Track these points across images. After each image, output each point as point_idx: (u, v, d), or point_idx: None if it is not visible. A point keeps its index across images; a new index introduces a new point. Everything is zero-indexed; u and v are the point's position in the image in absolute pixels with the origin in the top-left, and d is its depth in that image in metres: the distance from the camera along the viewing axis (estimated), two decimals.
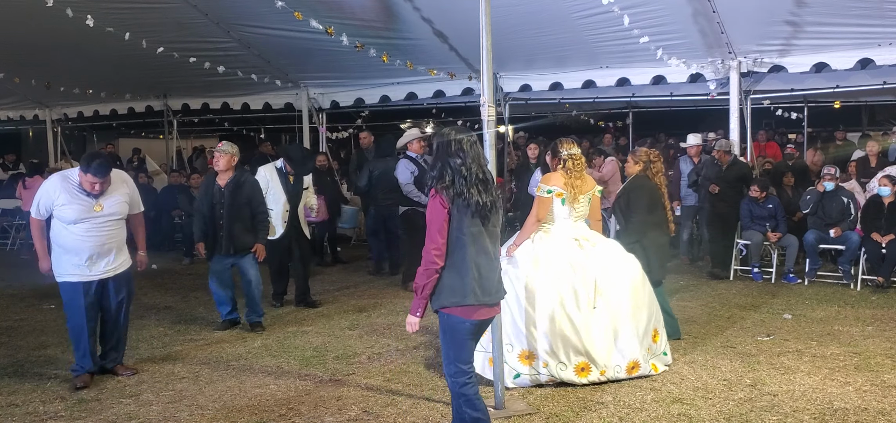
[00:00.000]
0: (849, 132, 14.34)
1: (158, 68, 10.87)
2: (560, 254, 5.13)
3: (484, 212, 3.59)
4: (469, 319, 3.60)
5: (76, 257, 5.16)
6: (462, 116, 15.68)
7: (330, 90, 12.27)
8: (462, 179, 3.56)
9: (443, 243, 3.54)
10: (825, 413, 4.50)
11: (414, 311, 3.64)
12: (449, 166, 3.59)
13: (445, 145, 3.64)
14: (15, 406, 4.91)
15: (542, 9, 8.31)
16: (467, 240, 3.56)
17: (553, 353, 4.96)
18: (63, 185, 5.17)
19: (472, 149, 3.63)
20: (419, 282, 3.59)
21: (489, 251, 3.65)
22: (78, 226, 5.12)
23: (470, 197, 3.55)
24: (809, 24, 8.12)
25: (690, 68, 9.36)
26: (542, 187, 5.25)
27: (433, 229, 3.56)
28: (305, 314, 7.36)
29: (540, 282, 5.02)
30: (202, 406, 4.83)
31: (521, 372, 4.98)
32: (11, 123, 16.23)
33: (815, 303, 7.49)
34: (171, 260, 10.83)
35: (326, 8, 8.40)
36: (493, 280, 3.68)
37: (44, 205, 5.19)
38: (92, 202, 5.15)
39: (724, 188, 8.93)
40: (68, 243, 5.15)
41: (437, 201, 3.57)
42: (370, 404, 4.80)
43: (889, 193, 8.27)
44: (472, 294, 3.55)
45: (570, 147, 5.37)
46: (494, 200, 3.65)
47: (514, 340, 4.99)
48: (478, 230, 3.59)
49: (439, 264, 3.55)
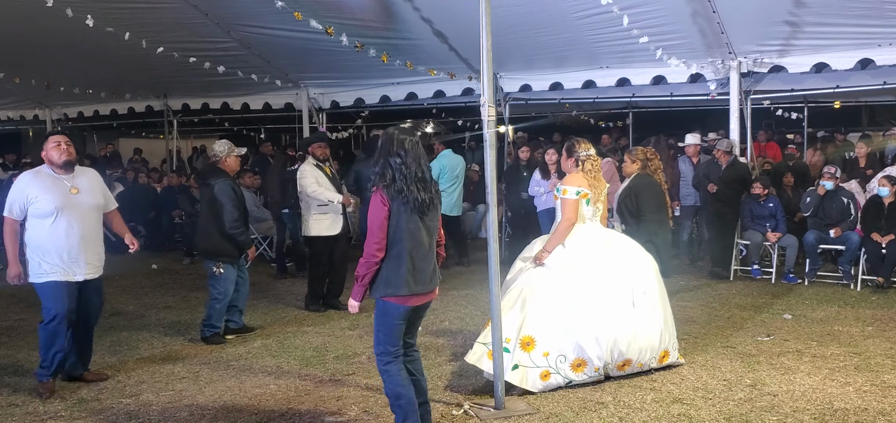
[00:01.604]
0: (849, 132, 14.35)
1: (158, 68, 10.86)
2: (597, 256, 5.12)
3: (422, 208, 3.87)
4: (403, 305, 3.91)
5: (58, 257, 4.94)
6: (462, 116, 15.70)
7: (330, 90, 12.25)
8: (402, 177, 3.83)
9: (382, 237, 3.83)
10: (825, 414, 4.50)
11: (355, 296, 3.96)
12: (390, 165, 3.87)
13: (388, 144, 3.90)
14: (15, 406, 4.91)
15: (542, 9, 8.31)
16: (405, 235, 3.83)
17: (605, 356, 4.95)
18: (34, 178, 5.03)
19: (414, 149, 3.91)
20: (360, 272, 3.87)
21: (425, 244, 3.93)
22: (59, 219, 4.93)
23: (409, 194, 3.82)
24: (809, 24, 8.11)
25: (690, 68, 9.35)
26: (570, 190, 5.19)
27: (374, 224, 3.83)
28: (305, 314, 7.36)
29: (584, 288, 4.99)
30: (202, 406, 4.83)
31: (574, 379, 4.94)
32: (11, 123, 16.20)
33: (815, 303, 7.49)
34: (171, 260, 10.84)
35: (326, 8, 8.39)
36: (428, 271, 3.96)
37: (18, 203, 4.98)
38: (67, 185, 5.00)
39: (722, 188, 8.93)
40: (50, 241, 4.93)
41: (378, 198, 3.85)
42: (370, 404, 4.80)
43: (889, 193, 8.27)
44: (406, 285, 3.85)
45: (587, 148, 5.35)
46: (432, 198, 3.95)
47: (568, 350, 4.91)
48: (415, 226, 3.86)
49: (379, 257, 3.84)
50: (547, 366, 4.86)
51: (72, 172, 5.10)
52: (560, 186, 5.27)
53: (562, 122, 16.52)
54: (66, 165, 5.05)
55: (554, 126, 15.85)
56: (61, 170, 5.06)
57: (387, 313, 3.93)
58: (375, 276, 3.88)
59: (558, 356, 4.88)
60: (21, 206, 4.99)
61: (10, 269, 5.04)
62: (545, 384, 4.86)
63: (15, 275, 5.04)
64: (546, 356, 4.87)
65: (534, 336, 4.88)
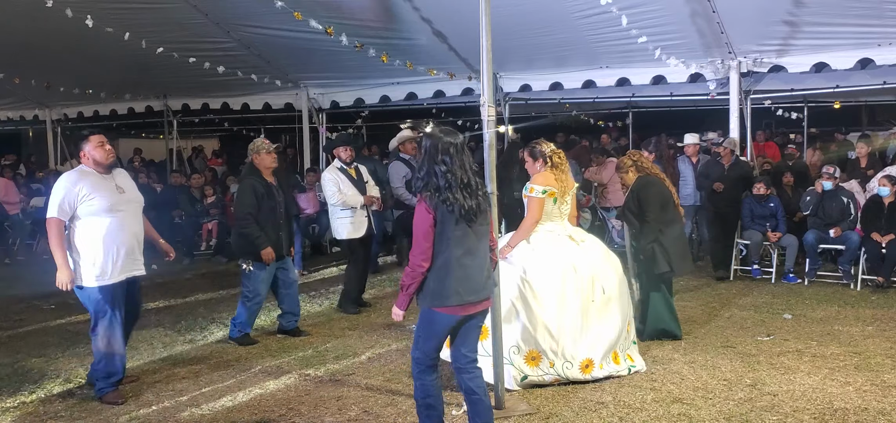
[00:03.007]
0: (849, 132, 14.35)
1: (158, 68, 10.85)
2: (559, 252, 5.15)
3: (469, 216, 3.73)
4: (452, 315, 3.77)
5: (114, 256, 4.80)
6: (462, 116, 15.68)
7: (330, 90, 12.26)
8: (447, 184, 3.70)
9: (428, 247, 3.70)
10: (825, 413, 4.50)
11: (400, 305, 3.83)
12: (434, 172, 3.73)
13: (432, 150, 3.76)
14: (15, 406, 4.91)
15: (542, 9, 8.31)
16: (452, 243, 3.70)
17: (559, 352, 4.98)
18: (81, 177, 4.82)
19: (458, 154, 3.76)
20: (405, 281, 3.75)
21: (475, 250, 3.79)
22: (111, 217, 4.80)
23: (455, 202, 3.68)
24: (809, 24, 8.12)
25: (690, 68, 9.35)
26: (536, 188, 5.25)
27: (419, 233, 3.71)
28: (305, 314, 7.35)
29: (543, 282, 5.02)
30: (202, 406, 4.83)
31: (528, 374, 4.98)
32: (11, 123, 16.21)
33: (815, 303, 7.49)
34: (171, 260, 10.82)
35: (326, 8, 8.39)
36: (481, 278, 3.82)
37: (68, 201, 4.72)
38: (113, 184, 4.91)
39: (725, 187, 8.93)
40: (105, 239, 4.77)
41: (423, 207, 3.73)
42: (370, 404, 4.80)
43: (889, 193, 8.26)
44: (455, 295, 3.71)
45: (548, 144, 5.41)
46: (479, 203, 3.79)
47: (522, 342, 4.98)
48: (462, 232, 3.73)
49: (424, 268, 3.72)
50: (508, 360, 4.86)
51: (112, 173, 5.01)
52: (528, 185, 5.32)
53: (562, 122, 16.52)
54: (110, 166, 4.96)
55: (554, 126, 15.85)
56: (105, 170, 4.94)
57: (432, 322, 3.80)
58: (422, 285, 3.75)
59: (512, 346, 4.91)
60: (71, 204, 4.73)
61: (62, 274, 4.71)
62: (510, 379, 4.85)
63: (68, 280, 4.73)
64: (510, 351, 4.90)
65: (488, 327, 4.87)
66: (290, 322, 6.55)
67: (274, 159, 6.34)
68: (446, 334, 3.85)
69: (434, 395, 3.87)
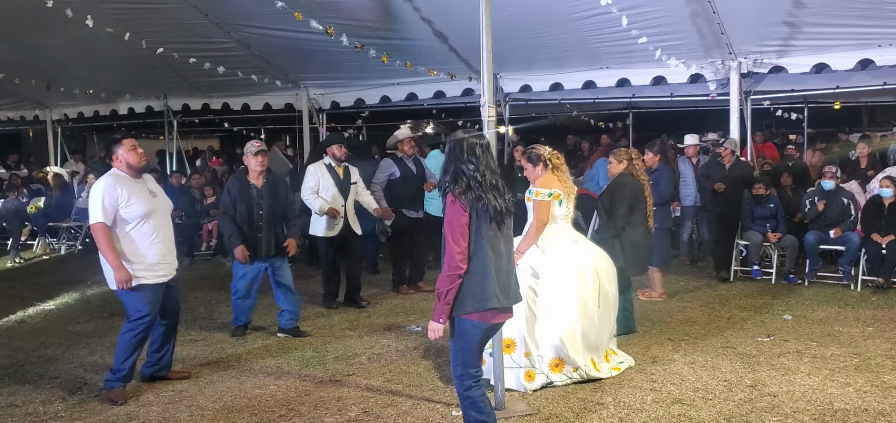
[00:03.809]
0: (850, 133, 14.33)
1: (158, 69, 10.87)
2: (569, 257, 5.18)
3: (500, 217, 3.61)
4: (486, 323, 3.60)
5: (150, 260, 4.90)
6: (462, 116, 15.68)
7: (330, 91, 12.26)
8: (477, 184, 3.57)
9: (466, 246, 3.53)
10: (825, 414, 4.49)
11: (437, 317, 3.58)
12: (463, 172, 3.59)
13: (458, 150, 3.64)
14: (15, 406, 4.90)
15: (542, 9, 8.31)
16: (486, 244, 3.55)
17: (581, 356, 5.02)
18: (117, 182, 4.87)
19: (484, 154, 3.65)
20: (442, 288, 3.54)
21: (504, 254, 3.67)
22: (149, 222, 4.90)
23: (488, 202, 3.56)
24: (809, 24, 8.12)
25: (690, 69, 9.36)
26: (542, 192, 5.23)
27: (455, 232, 3.53)
28: (305, 315, 7.34)
29: (561, 288, 5.03)
30: (202, 406, 4.83)
31: (554, 381, 4.99)
32: (11, 123, 16.22)
33: (815, 304, 7.48)
34: None
35: (326, 8, 8.40)
36: (512, 283, 3.71)
37: (110, 204, 4.77)
38: (146, 187, 5.00)
39: (726, 188, 8.93)
40: (141, 244, 4.87)
41: (458, 206, 3.56)
42: (370, 404, 4.80)
43: (891, 194, 8.26)
44: (494, 298, 3.55)
45: (544, 147, 5.45)
46: (508, 206, 3.68)
47: (545, 350, 4.97)
48: (494, 234, 3.60)
49: (463, 269, 3.53)
50: (530, 366, 4.93)
51: (143, 177, 5.09)
52: (533, 188, 5.32)
53: (562, 122, 16.51)
54: (141, 170, 5.04)
55: (554, 126, 15.84)
56: (137, 174, 5.00)
57: (468, 333, 3.61)
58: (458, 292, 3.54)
59: (538, 355, 4.96)
60: (113, 206, 4.78)
61: (119, 273, 4.77)
62: (530, 384, 4.92)
63: (126, 278, 4.79)
64: (528, 357, 4.94)
65: (513, 338, 4.95)
66: (288, 322, 6.56)
67: (259, 163, 6.37)
68: (485, 342, 3.71)
69: (486, 411, 3.68)
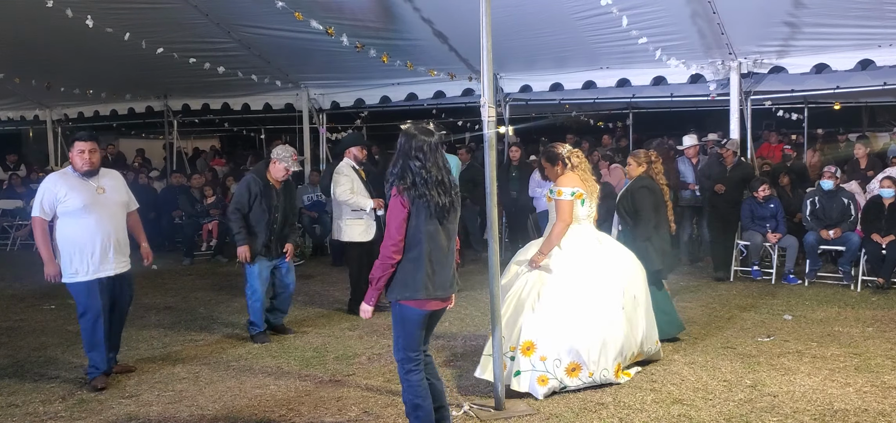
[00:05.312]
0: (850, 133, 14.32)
1: (158, 68, 10.87)
2: (592, 258, 5.10)
3: (442, 213, 3.77)
4: (424, 310, 3.81)
5: (89, 254, 5.09)
6: (462, 116, 15.69)
7: (330, 91, 12.27)
8: (422, 181, 3.73)
9: (400, 239, 3.74)
10: (825, 414, 4.49)
11: (367, 300, 3.88)
12: (410, 168, 3.76)
13: (407, 146, 3.79)
14: (15, 406, 4.91)
15: (543, 9, 8.31)
16: (424, 238, 3.74)
17: (599, 360, 4.92)
18: (61, 178, 5.17)
19: (433, 151, 3.79)
20: (375, 274, 3.79)
21: (444, 248, 3.83)
22: (88, 217, 5.08)
23: (430, 198, 3.72)
24: (809, 24, 8.12)
25: (690, 69, 9.36)
26: (564, 191, 5.13)
27: (392, 226, 3.75)
28: (305, 315, 7.36)
29: (581, 291, 4.96)
30: (202, 406, 4.83)
31: (569, 385, 4.90)
32: (11, 123, 16.23)
33: (815, 304, 7.48)
34: (171, 260, 10.82)
35: (326, 8, 8.40)
36: (447, 277, 3.87)
37: (47, 201, 5.09)
38: (93, 185, 5.15)
39: (727, 188, 8.93)
40: (79, 237, 5.07)
41: (398, 201, 3.75)
42: (370, 404, 4.80)
43: (891, 194, 8.26)
44: (424, 289, 3.75)
45: (563, 146, 5.35)
46: (452, 202, 3.84)
47: (564, 354, 4.87)
48: (434, 228, 3.77)
49: (396, 260, 3.76)
50: (545, 370, 4.84)
51: (96, 175, 5.24)
52: (554, 188, 5.22)
53: (562, 122, 16.51)
54: (87, 174, 5.18)
55: (554, 127, 15.84)
56: (83, 175, 5.18)
57: (405, 319, 3.83)
58: (391, 279, 3.79)
59: (554, 360, 4.86)
60: (50, 204, 5.09)
61: (48, 268, 5.11)
62: (543, 390, 4.82)
63: (54, 273, 5.12)
64: (544, 361, 4.85)
65: (534, 341, 4.86)
66: (276, 318, 6.60)
67: (285, 173, 6.33)
68: (421, 329, 3.87)
69: (422, 395, 3.88)
